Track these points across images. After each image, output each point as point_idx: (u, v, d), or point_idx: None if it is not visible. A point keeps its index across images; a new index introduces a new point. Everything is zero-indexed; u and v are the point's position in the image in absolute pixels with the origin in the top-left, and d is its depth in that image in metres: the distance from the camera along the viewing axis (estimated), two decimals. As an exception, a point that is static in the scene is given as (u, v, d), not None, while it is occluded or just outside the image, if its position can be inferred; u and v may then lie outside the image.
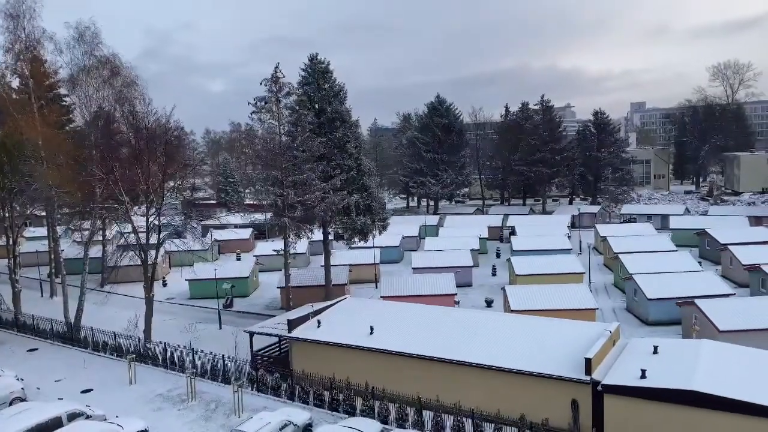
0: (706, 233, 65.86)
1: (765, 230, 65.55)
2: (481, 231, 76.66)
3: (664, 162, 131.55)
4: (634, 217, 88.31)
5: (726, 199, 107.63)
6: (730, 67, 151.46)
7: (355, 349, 33.17)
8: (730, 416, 23.22)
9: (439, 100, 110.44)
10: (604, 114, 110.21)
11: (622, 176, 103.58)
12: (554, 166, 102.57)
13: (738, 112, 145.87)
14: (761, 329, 34.96)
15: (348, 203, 47.47)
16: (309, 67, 49.80)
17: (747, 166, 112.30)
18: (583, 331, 30.83)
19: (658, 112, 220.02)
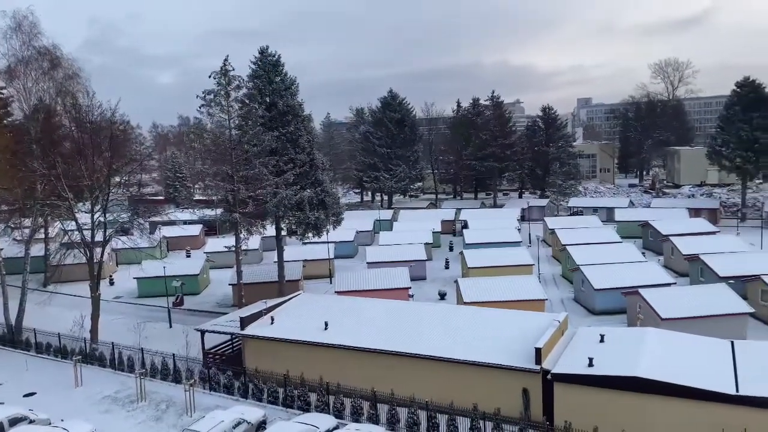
0: (649, 225, 68.27)
1: (703, 222, 68.40)
2: (435, 225, 77.39)
3: (609, 156, 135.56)
4: (581, 210, 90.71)
5: (667, 191, 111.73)
6: (671, 65, 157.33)
7: (309, 345, 33.07)
8: (673, 401, 24.23)
9: (392, 95, 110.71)
10: (552, 109, 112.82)
11: (569, 170, 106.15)
12: (504, 161, 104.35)
13: (678, 108, 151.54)
14: (701, 316, 36.57)
15: (301, 198, 47.09)
16: (259, 60, 49.07)
17: (687, 160, 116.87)
18: (533, 321, 31.58)
19: (604, 107, 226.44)
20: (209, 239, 76.88)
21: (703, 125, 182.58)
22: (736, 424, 23.13)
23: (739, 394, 23.41)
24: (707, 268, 47.73)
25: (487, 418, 26.25)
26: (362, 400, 28.86)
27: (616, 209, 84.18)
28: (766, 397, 23.01)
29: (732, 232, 66.11)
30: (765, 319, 39.35)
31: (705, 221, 68.85)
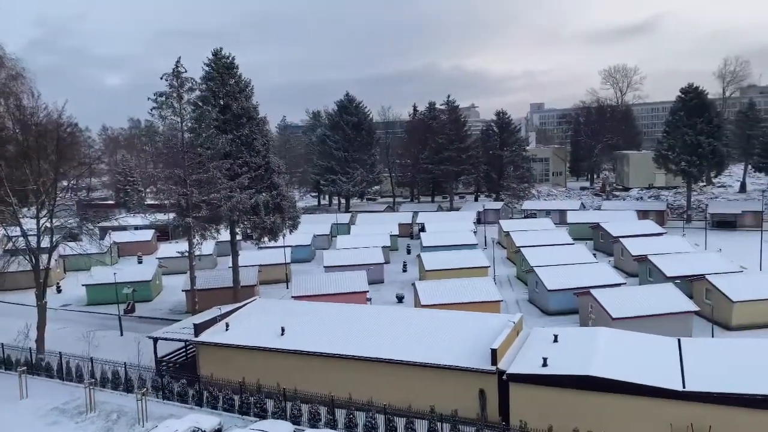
0: (600, 227, 70.12)
1: (651, 223, 70.70)
2: (392, 228, 77.68)
3: (561, 160, 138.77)
4: (535, 212, 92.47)
5: (617, 194, 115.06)
6: (620, 71, 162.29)
7: (265, 351, 32.65)
8: (624, 398, 24.89)
9: (349, 98, 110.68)
10: (506, 114, 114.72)
11: (523, 174, 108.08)
12: (460, 164, 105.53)
13: (627, 113, 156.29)
14: (649, 315, 37.75)
15: (256, 202, 46.50)
16: (213, 62, 48.28)
17: (635, 164, 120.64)
18: (488, 322, 31.95)
19: (556, 112, 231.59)
20: (162, 244, 75.12)
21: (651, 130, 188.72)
22: (683, 419, 23.94)
23: (685, 390, 24.23)
24: (655, 269, 49.29)
25: (444, 420, 26.42)
26: (320, 406, 28.65)
27: (569, 212, 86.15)
28: (710, 393, 23.88)
29: (678, 234, 68.57)
30: (709, 316, 40.86)
31: (653, 223, 71.17)
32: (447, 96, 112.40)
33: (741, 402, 23.40)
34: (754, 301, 40.45)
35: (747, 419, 23.29)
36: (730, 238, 72.05)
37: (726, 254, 53.20)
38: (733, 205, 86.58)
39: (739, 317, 40.23)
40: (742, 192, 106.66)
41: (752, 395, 23.32)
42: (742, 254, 57.50)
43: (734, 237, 72.81)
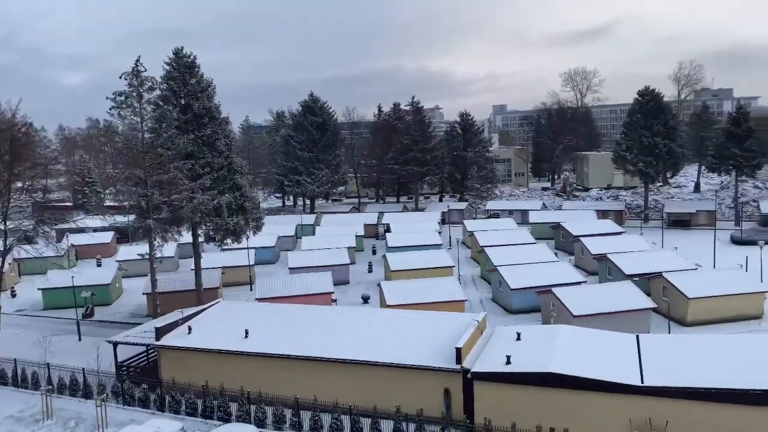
0: (561, 226, 71.42)
1: (610, 223, 72.38)
2: (358, 229, 77.63)
3: (524, 161, 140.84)
4: (498, 212, 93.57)
5: (577, 194, 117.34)
6: (579, 74, 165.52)
7: (229, 354, 32.28)
8: (584, 394, 25.41)
9: (313, 99, 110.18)
10: (470, 116, 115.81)
11: (486, 174, 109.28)
12: (425, 165, 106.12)
13: (586, 115, 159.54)
14: (609, 313, 38.62)
15: (219, 203, 45.89)
16: (174, 61, 47.48)
17: (594, 164, 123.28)
18: (453, 322, 32.23)
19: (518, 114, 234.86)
20: (122, 247, 73.44)
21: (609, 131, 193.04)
22: (642, 413, 24.58)
23: (643, 385, 24.88)
24: (614, 267, 50.45)
25: (410, 420, 26.53)
26: (284, 408, 28.45)
27: (531, 212, 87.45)
28: (667, 387, 24.58)
29: (636, 233, 70.28)
30: (666, 313, 42.06)
31: (612, 222, 72.86)
32: (411, 97, 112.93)
33: (696, 396, 24.14)
34: (709, 297, 41.75)
35: (702, 412, 24.05)
36: (686, 236, 74.27)
37: (682, 252, 54.88)
38: (688, 205, 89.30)
39: (694, 313, 41.49)
40: (696, 192, 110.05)
41: (707, 389, 24.09)
42: (697, 252, 59.33)
43: (689, 235, 75.07)
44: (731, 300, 41.98)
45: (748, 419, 23.54)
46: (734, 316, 41.53)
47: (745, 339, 30.81)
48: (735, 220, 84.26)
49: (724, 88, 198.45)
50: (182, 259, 69.73)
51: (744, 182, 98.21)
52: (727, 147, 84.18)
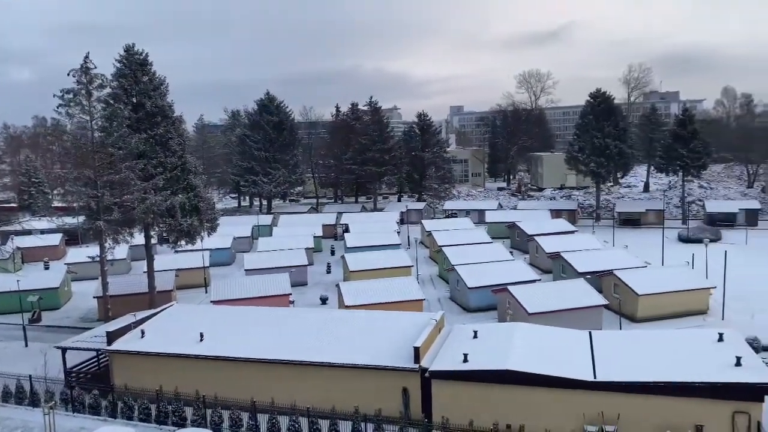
0: (516, 226, 72.59)
1: (564, 222, 73.94)
2: (316, 229, 77.14)
3: (480, 161, 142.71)
4: (455, 212, 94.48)
5: (532, 194, 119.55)
6: (533, 76, 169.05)
7: (183, 358, 31.62)
8: (540, 390, 25.88)
9: (269, 98, 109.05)
10: (427, 116, 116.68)
11: (444, 175, 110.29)
12: (383, 165, 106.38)
13: (540, 117, 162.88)
14: (563, 310, 39.43)
15: (172, 204, 44.94)
16: (125, 59, 46.29)
17: (548, 165, 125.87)
18: (411, 321, 32.36)
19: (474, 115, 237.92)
20: (71, 249, 71.19)
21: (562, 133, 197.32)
22: (594, 407, 25.18)
23: (596, 380, 25.50)
24: (567, 265, 51.58)
25: (368, 420, 26.50)
26: (241, 411, 28.05)
27: (487, 211, 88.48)
28: (619, 382, 25.27)
29: (588, 231, 72.10)
30: (617, 309, 43.22)
31: (565, 221, 74.42)
32: (370, 97, 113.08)
33: (646, 389, 24.90)
34: (657, 294, 43.04)
35: (651, 405, 24.81)
36: (635, 234, 76.52)
37: (632, 250, 56.55)
38: (638, 204, 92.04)
39: (643, 310, 42.72)
40: (645, 191, 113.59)
41: (655, 383, 24.87)
42: (646, 250, 61.19)
43: (639, 234, 77.38)
44: (679, 296, 43.41)
45: (694, 411, 24.40)
46: (681, 311, 42.93)
47: (690, 334, 31.89)
48: (682, 218, 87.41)
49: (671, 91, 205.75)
50: (134, 262, 68.05)
51: (690, 182, 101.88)
52: (674, 148, 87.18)
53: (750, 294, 46.87)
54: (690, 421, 24.29)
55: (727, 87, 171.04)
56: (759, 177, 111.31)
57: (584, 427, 24.97)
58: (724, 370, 24.95)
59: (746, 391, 24.17)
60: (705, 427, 24.14)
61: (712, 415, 24.26)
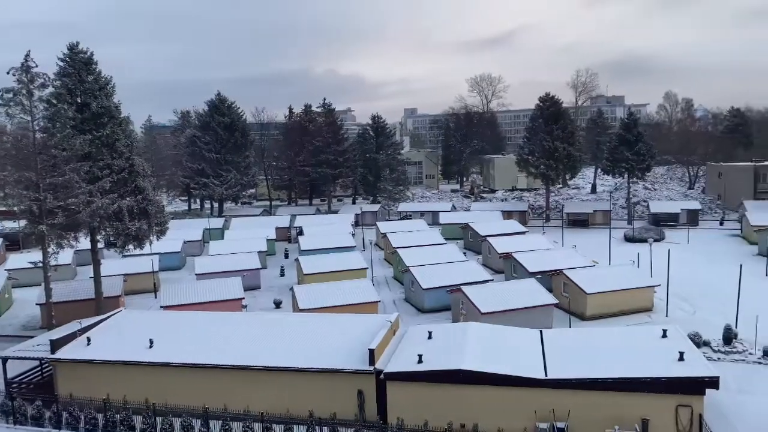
0: (469, 227, 73.54)
1: (515, 223, 75.33)
2: (269, 232, 76.23)
3: (434, 163, 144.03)
4: (410, 214, 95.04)
5: (484, 196, 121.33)
6: (485, 80, 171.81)
7: (132, 365, 30.75)
8: (493, 389, 26.28)
9: (221, 98, 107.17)
10: (381, 118, 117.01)
11: (398, 177, 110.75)
12: (337, 167, 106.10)
13: (492, 120, 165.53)
14: (515, 309, 40.14)
15: (119, 207, 43.64)
16: (69, 57, 44.72)
17: (500, 167, 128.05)
18: (366, 323, 32.35)
19: (428, 117, 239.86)
20: (11, 254, 68.21)
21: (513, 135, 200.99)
22: (546, 405, 25.73)
23: (547, 378, 26.07)
24: (519, 265, 52.55)
25: (323, 424, 26.38)
26: (192, 419, 27.47)
27: (441, 213, 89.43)
28: (569, 379, 25.90)
29: (539, 232, 73.63)
30: (566, 308, 44.27)
31: (516, 222, 75.85)
32: (323, 99, 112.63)
33: (594, 386, 25.59)
34: (605, 292, 44.26)
35: (600, 401, 25.50)
36: (583, 235, 78.55)
37: (580, 250, 57.94)
38: (586, 205, 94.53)
39: (592, 308, 43.88)
40: (593, 193, 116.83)
41: (604, 379, 25.60)
42: (594, 250, 62.86)
43: (587, 234, 79.48)
44: (625, 294, 44.77)
45: (640, 405, 25.23)
46: (628, 309, 44.30)
47: (636, 331, 32.98)
48: (628, 219, 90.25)
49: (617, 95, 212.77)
50: (80, 267, 65.84)
51: (635, 184, 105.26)
52: (620, 151, 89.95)
53: (691, 291, 48.84)
54: (637, 415, 25.10)
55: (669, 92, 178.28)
56: (699, 178, 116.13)
57: (536, 425, 25.48)
58: (668, 366, 25.91)
59: (689, 385, 25.16)
60: (651, 420, 24.98)
61: (658, 409, 25.13)
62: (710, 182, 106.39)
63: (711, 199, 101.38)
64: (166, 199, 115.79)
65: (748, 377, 32.36)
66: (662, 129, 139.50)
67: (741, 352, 35.71)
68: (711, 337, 37.26)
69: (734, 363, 34.33)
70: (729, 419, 27.04)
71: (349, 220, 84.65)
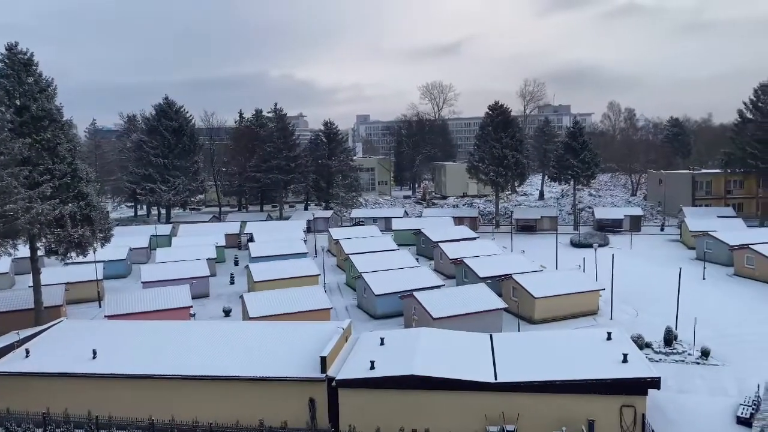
0: (422, 233, 74.12)
1: (466, 229, 76.32)
2: (219, 239, 74.81)
3: (386, 170, 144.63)
4: (362, 220, 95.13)
5: (436, 202, 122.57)
6: (436, 88, 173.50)
7: (74, 377, 29.61)
8: (444, 393, 26.48)
9: (168, 102, 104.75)
10: (334, 125, 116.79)
11: (351, 183, 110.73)
12: (289, 173, 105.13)
13: (443, 127, 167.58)
14: (466, 314, 40.63)
15: (61, 213, 42.03)
16: (7, 58, 42.95)
17: (451, 174, 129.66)
18: (318, 330, 32.12)
19: (380, 124, 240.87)
20: (-58, 264, 64.72)
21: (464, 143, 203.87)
22: (496, 408, 26.11)
23: (497, 382, 26.46)
24: (470, 270, 53.22)
25: (274, 433, 26.00)
26: (138, 431, 26.63)
27: (393, 219, 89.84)
28: (518, 382, 26.37)
29: (489, 238, 74.87)
30: (515, 312, 45.08)
31: (467, 228, 76.84)
32: (274, 104, 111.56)
33: (543, 388, 26.13)
34: (552, 297, 45.30)
35: (549, 402, 26.05)
36: (532, 240, 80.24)
37: (528, 255, 59.15)
38: (534, 212, 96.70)
39: (540, 312, 44.83)
40: (540, 199, 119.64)
41: (552, 381, 26.17)
42: (542, 255, 64.27)
43: (535, 239, 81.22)
44: (572, 298, 45.93)
45: (587, 406, 25.88)
46: (574, 313, 45.45)
47: (582, 334, 33.89)
48: (574, 225, 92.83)
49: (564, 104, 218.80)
50: (18, 275, 63.15)
51: (581, 190, 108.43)
52: (566, 158, 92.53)
53: (634, 294, 50.51)
54: (583, 416, 25.74)
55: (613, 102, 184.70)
56: (641, 186, 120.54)
57: (486, 428, 25.81)
58: (612, 367, 26.70)
59: (632, 386, 25.98)
60: (596, 421, 25.66)
61: (603, 410, 25.84)
62: (651, 189, 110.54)
63: (652, 205, 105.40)
64: (111, 205, 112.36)
65: (687, 377, 33.70)
66: (606, 138, 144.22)
67: (680, 353, 37.15)
68: (653, 339, 38.63)
69: (674, 363, 35.67)
70: (669, 418, 28.05)
71: (301, 227, 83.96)
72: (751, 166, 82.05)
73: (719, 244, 62.36)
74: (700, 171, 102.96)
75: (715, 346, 37.11)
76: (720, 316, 44.19)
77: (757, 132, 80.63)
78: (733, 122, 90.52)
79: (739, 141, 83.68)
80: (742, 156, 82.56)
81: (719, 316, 44.37)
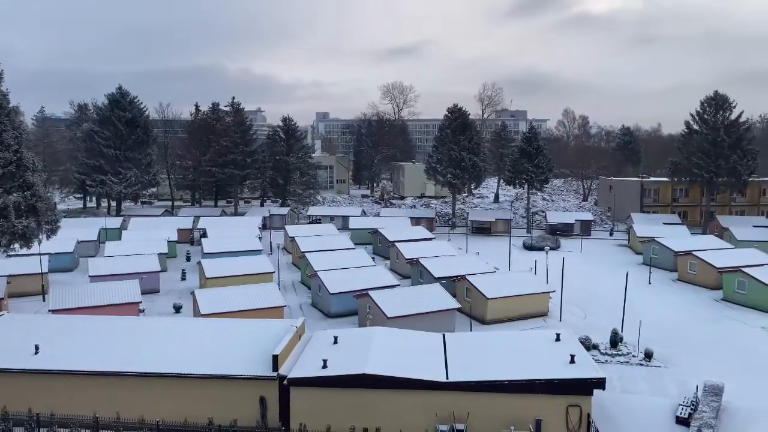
0: (379, 232, 74.30)
1: (422, 229, 76.91)
2: (171, 234, 73.18)
3: (345, 168, 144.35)
4: (319, 218, 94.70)
5: (394, 202, 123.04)
6: (396, 88, 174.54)
7: (13, 373, 28.49)
8: (396, 392, 26.61)
9: (122, 92, 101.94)
10: (293, 121, 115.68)
11: (308, 180, 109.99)
12: (245, 168, 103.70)
13: (403, 127, 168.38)
14: (420, 313, 40.96)
15: (5, 203, 40.54)
16: (-50, 38, 41.11)
17: (409, 174, 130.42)
18: (271, 328, 31.80)
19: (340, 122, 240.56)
20: None
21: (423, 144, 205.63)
22: (447, 407, 26.38)
23: (448, 381, 26.74)
24: (425, 270, 53.64)
25: (222, 431, 25.61)
26: (81, 429, 25.83)
27: (351, 218, 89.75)
28: (468, 382, 26.72)
29: (445, 239, 75.67)
30: (468, 312, 45.67)
31: (424, 229, 77.44)
32: (232, 98, 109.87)
33: (493, 388, 26.56)
34: (504, 297, 46.09)
35: (498, 402, 26.48)
36: (486, 242, 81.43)
37: (482, 257, 60.02)
38: (489, 214, 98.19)
39: (492, 312, 45.54)
40: (496, 202, 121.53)
41: (501, 381, 26.63)
42: (495, 256, 65.29)
43: (489, 241, 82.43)
44: (523, 300, 46.84)
45: (534, 406, 26.44)
46: (525, 314, 46.35)
47: (532, 334, 34.59)
48: (527, 228, 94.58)
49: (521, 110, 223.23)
50: (-44, 267, 60.31)
51: (534, 195, 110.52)
52: (521, 163, 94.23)
53: (583, 297, 51.85)
54: (531, 416, 26.27)
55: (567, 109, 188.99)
56: (592, 191, 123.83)
57: (437, 427, 26.05)
58: (560, 368, 27.34)
59: (578, 386, 26.67)
60: (543, 420, 26.23)
61: (550, 409, 26.44)
62: (602, 195, 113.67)
63: (602, 211, 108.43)
64: (58, 196, 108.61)
65: (631, 378, 34.85)
66: (560, 144, 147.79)
67: (626, 354, 38.35)
68: (600, 341, 39.77)
69: (619, 365, 36.83)
70: (614, 418, 28.93)
71: (257, 223, 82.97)
72: (696, 176, 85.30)
73: (665, 250, 64.62)
74: (649, 179, 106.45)
75: (658, 348, 38.50)
76: (664, 320, 45.79)
77: (703, 143, 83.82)
78: (680, 133, 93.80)
79: (686, 151, 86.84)
80: (688, 166, 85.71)
81: (663, 319, 45.97)
